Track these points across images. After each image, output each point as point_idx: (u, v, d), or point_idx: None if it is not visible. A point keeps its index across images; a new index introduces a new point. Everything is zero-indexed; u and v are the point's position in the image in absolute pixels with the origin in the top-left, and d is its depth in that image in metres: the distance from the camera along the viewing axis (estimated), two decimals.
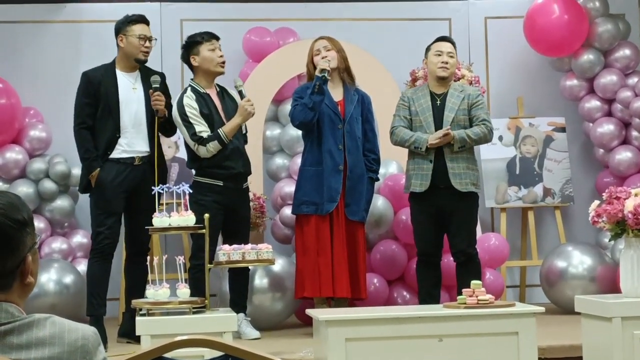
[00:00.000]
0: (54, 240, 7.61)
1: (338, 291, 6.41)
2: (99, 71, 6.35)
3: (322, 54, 6.58)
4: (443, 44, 6.52)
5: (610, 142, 8.14)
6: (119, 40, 6.34)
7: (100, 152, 6.23)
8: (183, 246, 7.61)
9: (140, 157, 6.29)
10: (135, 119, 6.30)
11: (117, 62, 6.39)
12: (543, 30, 8.04)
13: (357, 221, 6.53)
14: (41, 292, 6.92)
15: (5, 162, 7.61)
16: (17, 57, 8.07)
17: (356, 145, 6.55)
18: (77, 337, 2.10)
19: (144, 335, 5.14)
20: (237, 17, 8.13)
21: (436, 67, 6.45)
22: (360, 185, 6.53)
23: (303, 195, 6.56)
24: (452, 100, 6.44)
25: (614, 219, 5.11)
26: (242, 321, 6.32)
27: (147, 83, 6.34)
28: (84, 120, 6.26)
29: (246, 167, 6.46)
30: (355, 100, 6.61)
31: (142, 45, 6.32)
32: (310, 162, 6.59)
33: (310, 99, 6.43)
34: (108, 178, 6.20)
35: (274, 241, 7.51)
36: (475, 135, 6.36)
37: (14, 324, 2.07)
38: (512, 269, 8.26)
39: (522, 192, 8.04)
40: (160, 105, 6.26)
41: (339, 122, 6.54)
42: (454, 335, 4.97)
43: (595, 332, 5.15)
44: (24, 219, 2.11)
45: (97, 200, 6.24)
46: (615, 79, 8.10)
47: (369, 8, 8.42)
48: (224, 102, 6.45)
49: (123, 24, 6.36)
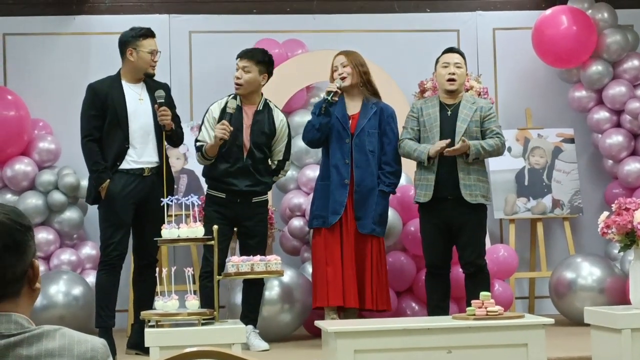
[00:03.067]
0: (62, 252, 7.62)
1: (346, 301, 6.43)
2: (105, 83, 6.34)
3: (338, 70, 6.60)
4: (450, 56, 6.52)
5: (619, 153, 8.13)
6: (128, 54, 6.32)
7: (109, 164, 6.22)
8: (192, 258, 7.61)
9: (149, 168, 6.30)
10: (144, 129, 6.30)
11: (123, 74, 6.37)
12: (551, 41, 8.03)
13: (369, 234, 6.52)
14: (50, 304, 6.92)
15: (14, 174, 7.63)
16: (26, 69, 8.10)
17: (366, 159, 6.55)
18: (86, 349, 2.10)
19: (152, 347, 5.13)
20: (245, 28, 8.14)
21: (444, 80, 6.45)
22: (370, 199, 6.52)
23: (315, 209, 6.63)
24: (464, 111, 6.43)
25: (624, 230, 5.10)
26: (251, 333, 6.32)
27: (153, 94, 6.35)
28: (91, 133, 6.25)
29: (255, 187, 6.42)
30: (370, 114, 6.60)
31: (152, 60, 6.34)
32: (321, 177, 6.68)
33: (317, 120, 6.48)
34: (117, 189, 6.20)
35: (282, 253, 7.50)
36: (490, 147, 6.36)
37: (23, 335, 2.07)
38: (521, 281, 8.25)
39: (530, 203, 8.02)
40: (166, 119, 6.27)
41: (346, 136, 6.55)
42: (463, 347, 4.95)
43: (604, 344, 5.14)
44: (28, 224, 2.13)
45: (107, 212, 6.24)
46: (624, 90, 8.09)
47: (377, 19, 8.42)
48: (256, 119, 6.44)
49: (133, 37, 6.33)
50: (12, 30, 8.11)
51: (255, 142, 6.41)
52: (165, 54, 8.19)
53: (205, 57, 8.20)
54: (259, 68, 6.44)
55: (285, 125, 6.56)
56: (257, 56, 6.47)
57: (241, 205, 6.39)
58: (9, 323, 2.08)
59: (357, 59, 6.65)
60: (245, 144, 6.42)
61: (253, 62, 6.43)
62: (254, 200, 6.42)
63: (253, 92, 6.48)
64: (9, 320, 2.08)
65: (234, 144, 6.39)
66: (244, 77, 6.41)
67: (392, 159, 6.64)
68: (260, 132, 6.44)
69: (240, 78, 6.42)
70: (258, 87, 6.49)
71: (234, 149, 6.40)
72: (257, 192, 6.44)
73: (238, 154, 6.41)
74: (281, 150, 6.55)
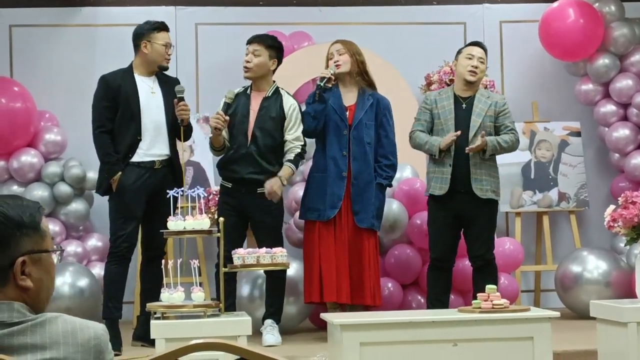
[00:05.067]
0: (69, 244, 7.63)
1: (341, 296, 6.38)
2: (117, 75, 6.33)
3: (334, 58, 6.56)
4: (475, 49, 6.50)
5: (625, 147, 8.11)
6: (142, 46, 6.30)
7: (121, 156, 6.22)
8: (198, 250, 7.61)
9: (160, 161, 6.30)
10: (156, 123, 6.29)
11: (136, 66, 6.37)
12: (558, 34, 8.02)
13: (367, 228, 6.47)
14: (56, 295, 6.91)
15: (20, 166, 7.64)
16: (33, 60, 8.10)
17: (363, 152, 6.49)
18: (89, 336, 2.12)
19: (158, 339, 5.14)
20: (252, 21, 8.13)
21: (465, 70, 6.43)
22: (367, 192, 6.46)
23: (309, 201, 6.55)
24: (479, 105, 6.43)
25: (630, 223, 5.10)
26: (267, 327, 6.28)
27: (165, 87, 6.34)
28: (104, 124, 6.24)
29: (259, 175, 6.36)
30: (367, 105, 6.54)
31: (166, 53, 6.34)
32: (316, 169, 6.59)
33: (312, 107, 6.44)
34: (129, 182, 6.19)
35: (288, 245, 7.50)
36: (505, 144, 6.38)
37: (26, 324, 2.08)
38: (526, 274, 8.24)
39: (537, 196, 8.02)
40: (186, 115, 6.27)
41: (344, 128, 6.49)
42: (468, 340, 4.95)
43: (610, 337, 5.14)
44: (20, 219, 2.12)
45: (118, 204, 6.23)
46: (630, 84, 8.07)
47: (384, 12, 8.41)
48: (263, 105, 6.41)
49: (148, 30, 6.33)
50: (18, 21, 8.11)
51: (261, 127, 6.37)
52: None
53: (212, 49, 8.19)
54: (269, 52, 6.43)
55: (297, 110, 6.45)
56: (267, 40, 6.49)
57: (246, 195, 6.36)
58: (11, 311, 2.09)
59: (354, 48, 6.61)
60: (250, 130, 6.40)
61: (263, 45, 6.43)
62: (259, 190, 6.37)
63: (262, 78, 6.44)
64: (10, 309, 2.09)
65: (240, 131, 6.38)
66: (253, 60, 6.40)
67: (389, 151, 6.57)
68: (267, 118, 6.39)
69: (250, 62, 6.40)
70: (267, 72, 6.45)
71: (239, 136, 6.40)
72: (262, 182, 6.37)
73: (243, 140, 6.39)
74: (299, 135, 6.43)
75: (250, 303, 6.77)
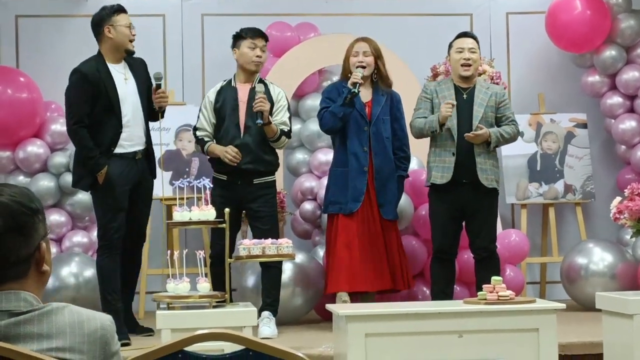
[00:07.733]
0: (74, 234, 7.64)
1: (376, 285, 6.53)
2: (92, 67, 6.17)
3: (359, 57, 6.59)
4: (464, 40, 6.50)
5: (632, 139, 8.10)
6: (106, 32, 6.17)
7: (103, 149, 6.12)
8: (203, 240, 7.62)
9: (140, 151, 6.25)
10: (133, 110, 6.22)
11: (105, 54, 6.22)
12: (565, 26, 8.00)
13: (391, 219, 6.63)
14: (62, 286, 6.95)
15: (26, 156, 7.65)
16: (39, 51, 8.10)
17: (383, 147, 6.61)
18: (96, 327, 2.13)
19: (164, 329, 5.15)
20: (258, 11, 8.13)
21: (459, 65, 6.44)
22: (390, 184, 6.63)
23: (331, 195, 6.67)
24: (480, 96, 6.42)
25: (636, 215, 5.10)
26: (264, 319, 6.28)
27: (135, 71, 6.26)
28: (82, 119, 6.10)
29: (256, 164, 6.38)
30: (382, 101, 6.65)
31: (131, 34, 6.23)
32: (337, 163, 6.70)
33: (341, 109, 6.50)
34: (115, 174, 6.12)
35: (294, 236, 7.51)
36: (507, 135, 6.38)
37: (33, 313, 2.09)
38: (532, 266, 8.24)
39: (542, 188, 8.01)
40: (165, 102, 6.26)
41: (365, 124, 6.59)
42: (474, 331, 4.95)
43: (616, 329, 5.13)
44: (36, 206, 2.13)
45: (106, 197, 6.15)
46: (637, 75, 8.05)
47: (390, 3, 8.40)
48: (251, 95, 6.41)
49: (108, 14, 6.19)
50: (24, 12, 8.11)
51: (253, 117, 6.37)
52: (177, 37, 8.22)
53: (218, 40, 8.16)
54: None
55: (284, 97, 6.56)
56: (265, 36, 6.63)
57: (243, 187, 6.39)
58: (19, 301, 2.10)
59: (378, 49, 6.69)
60: (242, 121, 6.42)
61: (265, 41, 6.58)
62: (255, 182, 6.39)
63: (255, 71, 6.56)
64: (18, 299, 2.10)
65: (231, 123, 6.40)
66: (263, 56, 6.53)
67: (404, 143, 6.74)
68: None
69: (260, 57, 6.51)
70: None
71: (231, 128, 6.41)
72: (259, 173, 6.41)
73: (235, 132, 6.41)
74: (285, 120, 6.49)
75: (256, 294, 6.76)
